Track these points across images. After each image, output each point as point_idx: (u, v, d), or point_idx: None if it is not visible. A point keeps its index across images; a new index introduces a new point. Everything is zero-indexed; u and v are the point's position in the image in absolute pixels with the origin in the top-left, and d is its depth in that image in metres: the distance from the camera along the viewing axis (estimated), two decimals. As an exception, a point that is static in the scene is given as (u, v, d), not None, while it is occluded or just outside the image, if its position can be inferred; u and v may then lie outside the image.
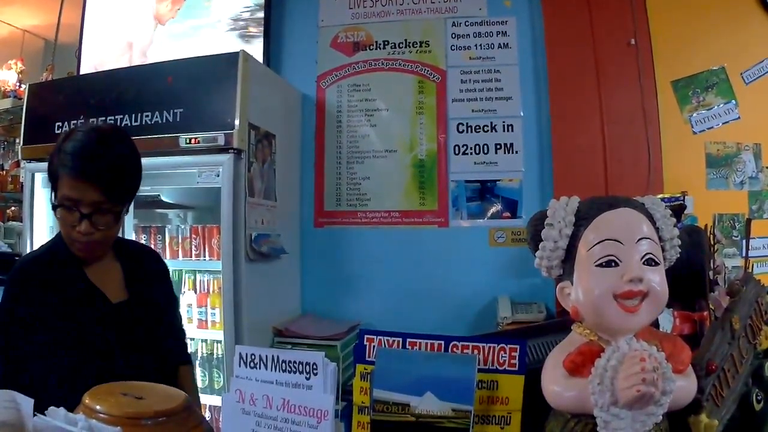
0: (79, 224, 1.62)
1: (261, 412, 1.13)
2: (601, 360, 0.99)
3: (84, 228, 1.62)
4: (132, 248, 1.98)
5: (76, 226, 1.63)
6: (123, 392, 1.18)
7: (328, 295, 3.80)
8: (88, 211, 1.62)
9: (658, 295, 1.03)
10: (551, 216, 1.10)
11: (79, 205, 1.61)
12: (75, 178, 1.60)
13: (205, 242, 3.34)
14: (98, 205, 1.62)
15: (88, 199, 1.61)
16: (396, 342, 1.20)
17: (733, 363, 1.18)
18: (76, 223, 1.63)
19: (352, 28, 3.94)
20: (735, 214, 3.53)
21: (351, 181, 3.84)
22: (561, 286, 1.11)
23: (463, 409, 1.08)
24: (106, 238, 1.72)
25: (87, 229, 1.62)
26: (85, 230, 1.62)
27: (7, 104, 4.44)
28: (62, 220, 1.67)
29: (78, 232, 1.63)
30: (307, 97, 3.95)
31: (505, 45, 3.76)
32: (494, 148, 3.69)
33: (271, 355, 1.14)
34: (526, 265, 3.48)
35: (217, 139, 3.02)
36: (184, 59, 3.70)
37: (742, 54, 3.56)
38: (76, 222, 1.63)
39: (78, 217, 1.62)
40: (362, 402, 1.19)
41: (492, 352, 1.17)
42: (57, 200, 1.65)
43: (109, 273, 1.81)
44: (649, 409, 0.96)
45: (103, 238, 1.70)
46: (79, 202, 1.61)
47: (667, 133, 3.51)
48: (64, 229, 1.68)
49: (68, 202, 1.62)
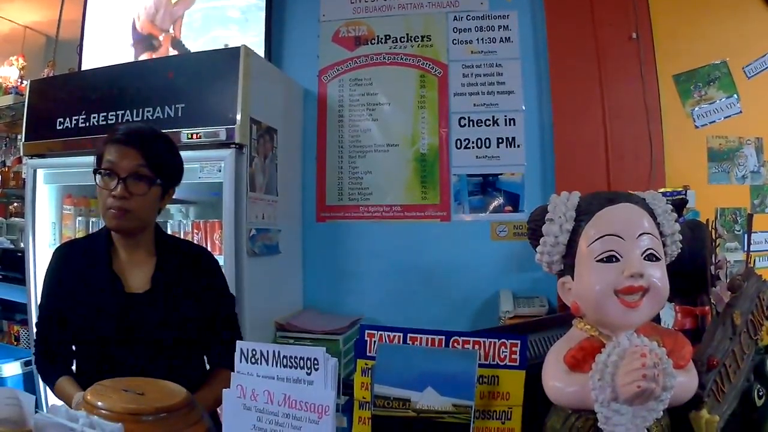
0: (115, 189, 1.72)
1: (262, 407, 1.13)
2: (601, 355, 0.99)
3: (119, 191, 1.71)
4: (180, 248, 2.00)
5: (112, 191, 1.72)
6: (124, 388, 1.18)
7: (330, 290, 3.80)
8: (125, 174, 1.72)
9: (659, 290, 1.02)
10: (552, 211, 1.10)
11: (117, 168, 1.72)
12: (116, 143, 1.75)
13: (207, 237, 3.34)
14: (136, 169, 1.73)
15: (126, 162, 1.73)
16: (397, 337, 1.20)
17: (734, 358, 1.18)
18: (113, 189, 1.72)
19: (354, 22, 3.93)
20: (737, 209, 3.52)
21: (353, 175, 3.84)
22: (562, 282, 1.11)
23: (463, 405, 1.08)
24: (139, 209, 1.78)
25: (122, 192, 1.71)
26: (120, 193, 1.71)
27: (8, 100, 4.43)
28: (100, 191, 1.76)
29: (113, 197, 1.72)
30: (309, 92, 3.94)
31: (507, 39, 3.75)
32: (496, 142, 3.68)
33: (272, 350, 1.14)
34: (528, 259, 3.44)
35: (219, 134, 3.02)
36: (185, 54, 3.70)
37: (744, 48, 3.55)
38: (113, 187, 1.72)
39: (116, 182, 1.72)
40: (363, 397, 1.19)
41: (493, 347, 1.17)
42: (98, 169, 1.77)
43: (139, 265, 1.85)
44: (649, 405, 0.96)
45: (136, 208, 1.76)
46: (118, 165, 1.73)
47: (668, 127, 3.50)
48: (102, 200, 1.77)
49: (108, 166, 1.74)
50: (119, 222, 1.76)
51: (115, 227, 1.79)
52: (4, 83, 4.56)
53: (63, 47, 4.68)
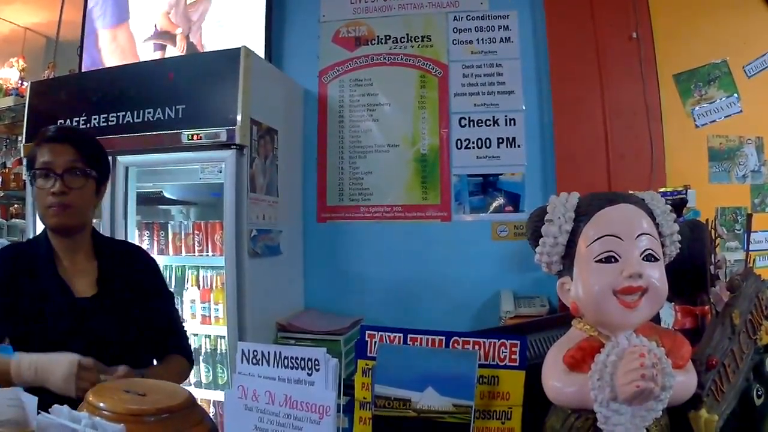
0: (53, 186, 1.73)
1: (263, 408, 1.13)
2: (600, 355, 0.99)
3: (58, 187, 1.73)
4: (116, 248, 2.03)
5: (50, 189, 1.74)
6: (126, 389, 1.19)
7: (331, 290, 3.80)
8: (62, 170, 1.74)
9: (658, 290, 1.03)
10: (551, 212, 1.10)
11: (53, 166, 1.74)
12: (50, 141, 1.78)
13: (208, 238, 3.35)
14: (71, 164, 1.76)
15: (62, 159, 1.75)
16: (397, 338, 1.21)
17: (733, 358, 1.18)
18: (51, 187, 1.74)
19: (354, 22, 3.93)
20: (737, 208, 3.53)
21: (353, 175, 3.85)
22: (561, 282, 1.11)
23: (464, 405, 1.08)
24: (79, 204, 1.80)
25: (61, 188, 1.73)
26: (60, 189, 1.73)
27: (9, 102, 4.44)
28: (38, 192, 1.78)
29: (52, 194, 1.73)
30: (309, 93, 3.95)
31: (507, 39, 3.75)
32: (496, 142, 3.69)
33: (273, 351, 1.15)
34: (528, 259, 3.43)
35: (220, 135, 3.03)
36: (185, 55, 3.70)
37: (744, 47, 3.55)
38: (50, 185, 1.74)
39: (53, 181, 1.74)
40: (364, 398, 1.19)
41: (493, 347, 1.18)
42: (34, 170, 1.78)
43: (83, 269, 1.86)
44: (648, 405, 0.96)
45: (76, 203, 1.78)
46: (54, 163, 1.75)
47: (669, 127, 3.50)
48: (41, 200, 1.78)
49: (43, 167, 1.75)
50: (60, 219, 1.77)
51: (56, 225, 1.79)
52: (4, 85, 4.56)
53: (63, 49, 4.69)
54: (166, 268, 3.46)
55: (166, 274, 3.46)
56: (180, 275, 3.44)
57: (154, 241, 3.46)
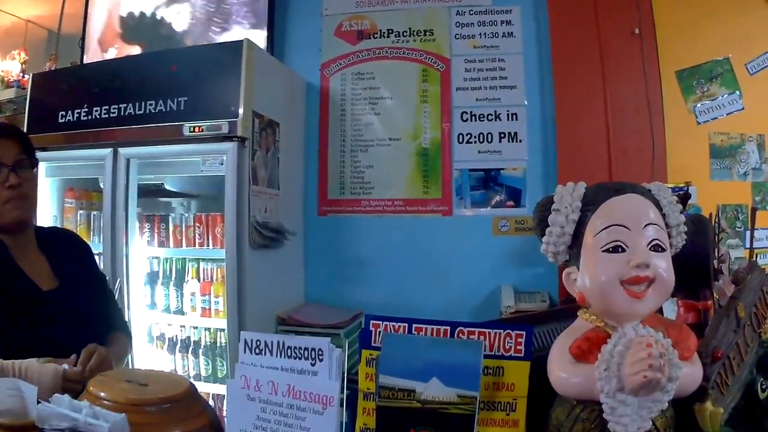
0: (7, 179, 1.78)
1: (266, 398, 1.12)
2: (607, 346, 0.99)
3: (13, 179, 1.78)
4: (50, 233, 2.05)
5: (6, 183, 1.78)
6: (127, 379, 1.18)
7: (332, 284, 3.80)
8: (12, 163, 1.80)
9: (665, 281, 1.02)
10: (558, 201, 1.09)
11: (4, 159, 1.79)
12: None
13: (209, 230, 3.34)
14: (19, 156, 1.82)
15: (10, 152, 1.81)
16: (402, 327, 1.20)
17: (738, 351, 1.18)
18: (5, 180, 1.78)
19: (356, 16, 3.92)
20: (739, 205, 3.52)
21: (355, 169, 3.84)
22: (567, 272, 1.11)
23: (468, 395, 1.07)
24: (32, 194, 1.90)
25: (15, 179, 1.79)
26: (15, 181, 1.78)
27: (10, 94, 4.43)
28: None
29: (9, 186, 1.78)
30: (311, 86, 3.94)
31: (510, 34, 3.74)
32: (498, 136, 3.68)
33: (276, 341, 1.14)
34: (529, 254, 3.48)
35: (221, 127, 3.02)
36: (187, 47, 3.69)
37: (746, 44, 3.54)
38: (4, 179, 1.78)
39: (6, 174, 1.78)
40: (367, 388, 1.19)
41: (498, 338, 1.17)
42: None
43: (36, 263, 1.88)
44: (655, 396, 0.96)
45: (31, 193, 1.87)
46: (4, 157, 1.79)
47: (671, 123, 3.49)
48: None
49: None
50: (20, 211, 1.82)
51: (17, 218, 1.82)
52: (6, 77, 4.55)
53: (65, 41, 4.67)
54: (167, 261, 3.46)
55: (167, 266, 3.47)
56: (180, 268, 3.43)
57: (155, 234, 3.45)
